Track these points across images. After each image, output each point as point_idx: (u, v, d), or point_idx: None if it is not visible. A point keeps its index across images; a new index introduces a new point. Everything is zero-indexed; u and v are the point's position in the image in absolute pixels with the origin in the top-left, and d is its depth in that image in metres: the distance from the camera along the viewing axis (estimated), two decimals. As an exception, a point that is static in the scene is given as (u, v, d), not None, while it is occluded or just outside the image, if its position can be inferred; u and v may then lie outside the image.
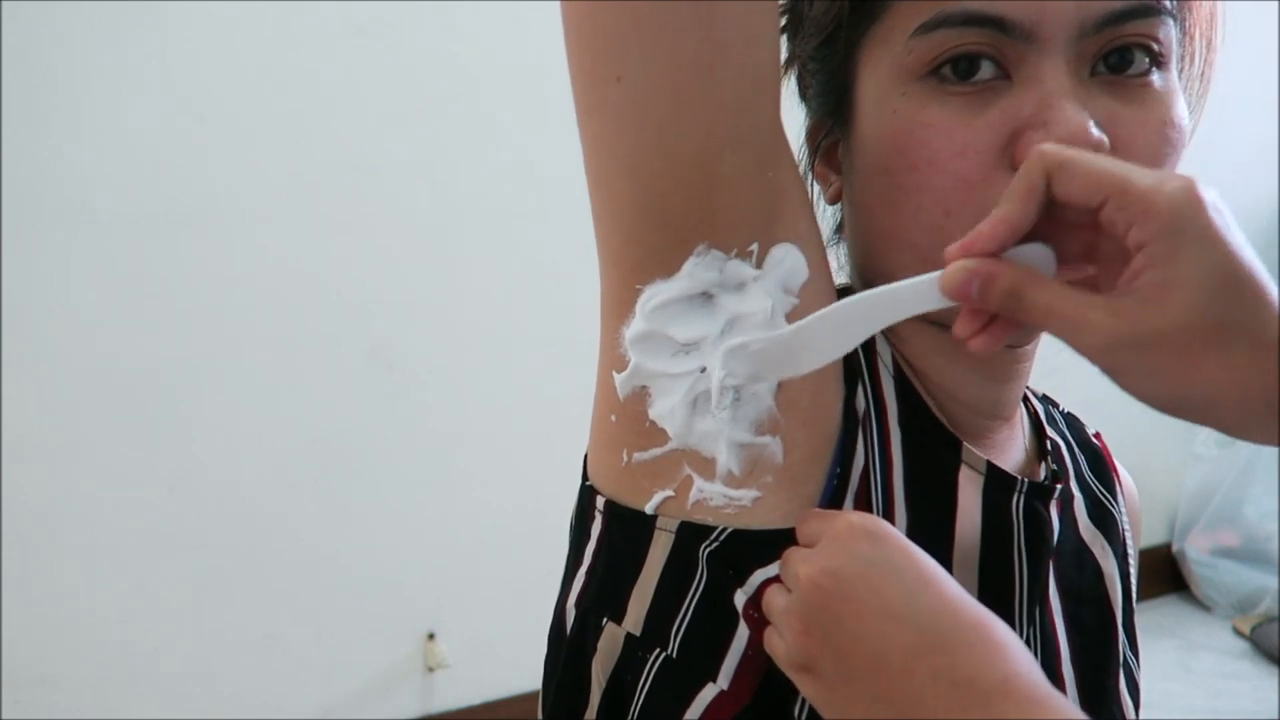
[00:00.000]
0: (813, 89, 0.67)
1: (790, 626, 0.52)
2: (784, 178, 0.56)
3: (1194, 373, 0.44)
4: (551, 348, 2.12)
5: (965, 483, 0.62)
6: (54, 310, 1.82)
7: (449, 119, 2.05)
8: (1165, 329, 0.44)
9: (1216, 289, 0.43)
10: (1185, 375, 0.44)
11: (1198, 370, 0.44)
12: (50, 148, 1.78)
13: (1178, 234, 0.43)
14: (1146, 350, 0.44)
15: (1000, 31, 0.55)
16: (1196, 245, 0.43)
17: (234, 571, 2.02)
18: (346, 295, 2.03)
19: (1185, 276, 0.43)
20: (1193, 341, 0.44)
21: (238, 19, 1.85)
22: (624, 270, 0.55)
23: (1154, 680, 2.47)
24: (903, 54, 0.57)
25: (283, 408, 2.01)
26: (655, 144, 0.52)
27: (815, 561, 0.51)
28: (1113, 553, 0.72)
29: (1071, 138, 0.53)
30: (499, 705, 2.25)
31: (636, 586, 0.57)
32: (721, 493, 0.56)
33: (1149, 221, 0.44)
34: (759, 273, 0.55)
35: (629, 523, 0.58)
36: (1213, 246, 0.43)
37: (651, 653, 0.56)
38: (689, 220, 0.53)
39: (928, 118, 0.56)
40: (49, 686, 1.90)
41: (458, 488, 2.18)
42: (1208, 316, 0.43)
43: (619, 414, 0.57)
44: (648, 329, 0.54)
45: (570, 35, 0.54)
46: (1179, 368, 0.44)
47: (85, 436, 1.88)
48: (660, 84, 0.51)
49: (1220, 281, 0.43)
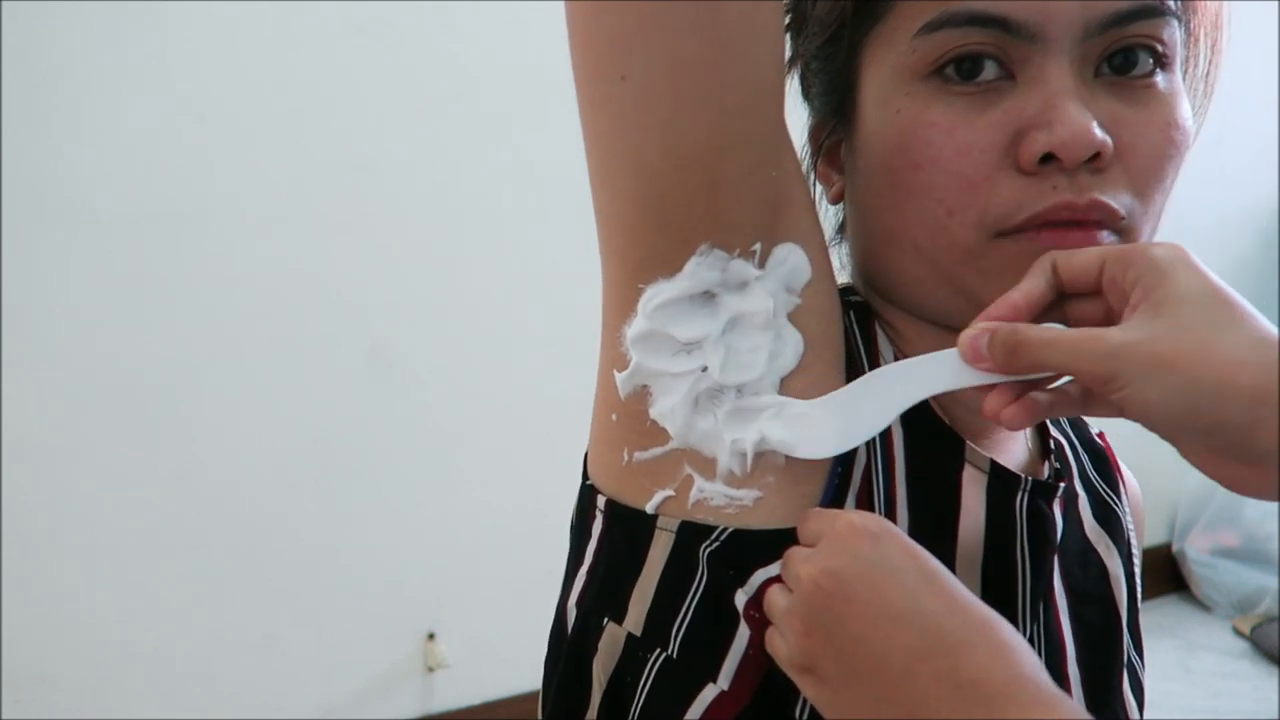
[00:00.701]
0: (816, 88, 0.67)
1: (792, 627, 0.52)
2: (787, 177, 0.56)
3: (1198, 367, 0.46)
4: (551, 348, 2.12)
5: (969, 481, 0.61)
6: (54, 310, 1.82)
7: (449, 119, 2.05)
8: (1171, 334, 0.46)
9: (1208, 298, 0.47)
10: (1190, 372, 0.46)
11: (1201, 365, 0.46)
12: (50, 148, 1.78)
13: (1168, 267, 0.48)
14: (1154, 357, 0.47)
15: (1004, 32, 0.55)
16: (1185, 274, 0.48)
17: (234, 571, 2.01)
18: (346, 295, 2.03)
19: (1178, 294, 0.47)
20: (1194, 341, 0.46)
21: (238, 19, 1.85)
22: (626, 269, 0.55)
23: (1154, 680, 2.45)
24: (906, 54, 0.57)
25: (283, 407, 2.01)
26: (658, 142, 0.52)
27: (817, 562, 0.51)
28: (1117, 552, 0.72)
29: (1074, 138, 0.53)
30: (499, 705, 2.25)
31: (637, 586, 0.57)
32: (722, 492, 0.55)
33: (1141, 263, 0.49)
34: (761, 272, 0.54)
35: (629, 522, 0.58)
36: (1199, 272, 0.48)
37: (652, 653, 0.56)
38: (691, 219, 0.53)
39: (931, 117, 0.56)
40: (49, 686, 1.89)
41: (458, 488, 2.18)
42: (1202, 320, 0.46)
43: (620, 413, 0.57)
44: (649, 328, 0.54)
45: (574, 33, 0.54)
46: (1183, 366, 0.46)
47: (85, 436, 1.88)
48: (664, 83, 0.51)
49: (1210, 293, 0.47)
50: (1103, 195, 0.55)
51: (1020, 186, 0.55)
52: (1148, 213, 0.58)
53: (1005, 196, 0.56)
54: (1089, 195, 0.55)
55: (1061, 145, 0.54)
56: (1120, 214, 0.56)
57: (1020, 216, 0.56)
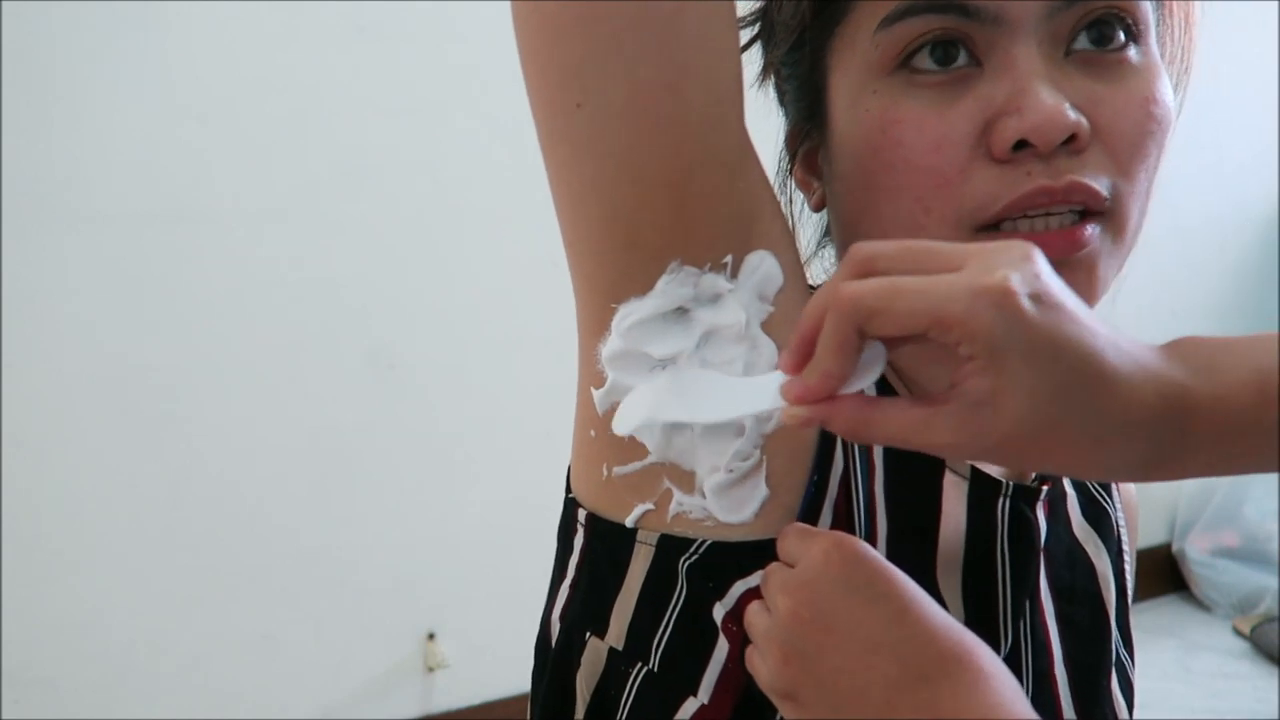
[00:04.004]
0: (788, 95, 0.66)
1: (771, 653, 0.51)
2: (754, 186, 0.55)
3: (1043, 462, 0.46)
4: (551, 347, 2.10)
5: (949, 488, 0.61)
6: (54, 310, 1.83)
7: (449, 119, 2.05)
8: (1005, 434, 0.44)
9: (1045, 395, 0.43)
10: (1036, 464, 0.46)
11: (1045, 460, 0.46)
12: (50, 148, 1.78)
13: (999, 351, 0.43)
14: (995, 453, 0.46)
15: (964, 17, 0.54)
16: (1019, 358, 0.43)
17: (234, 571, 2.02)
18: (346, 295, 2.03)
19: (1012, 387, 0.43)
20: (1033, 442, 0.44)
21: (238, 19, 1.85)
22: (598, 290, 0.55)
23: (1154, 680, 2.47)
24: (870, 51, 0.56)
25: (283, 408, 2.01)
26: (621, 168, 0.51)
27: (794, 592, 0.51)
28: (1107, 551, 0.71)
29: (1046, 122, 0.52)
30: (498, 705, 2.25)
31: (618, 600, 0.57)
32: (701, 506, 0.55)
33: (971, 344, 0.43)
34: (734, 285, 0.54)
35: (610, 537, 0.58)
36: (1035, 356, 0.43)
37: (634, 667, 0.56)
38: (660, 239, 0.53)
39: (899, 113, 0.55)
40: (49, 686, 1.90)
41: (458, 488, 2.18)
42: (1039, 421, 0.43)
43: (598, 429, 0.57)
44: (624, 347, 0.54)
45: (528, 64, 0.53)
46: (1027, 459, 0.46)
47: (85, 436, 1.88)
48: (623, 109, 0.50)
49: (1047, 388, 0.43)
50: (1082, 177, 0.54)
51: (994, 176, 0.54)
52: (1133, 192, 0.56)
53: (980, 188, 0.54)
54: (1067, 178, 0.53)
55: (1033, 130, 0.52)
56: (1103, 195, 0.54)
57: (996, 207, 0.54)
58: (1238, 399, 0.46)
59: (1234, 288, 2.95)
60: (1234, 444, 0.47)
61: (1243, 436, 0.47)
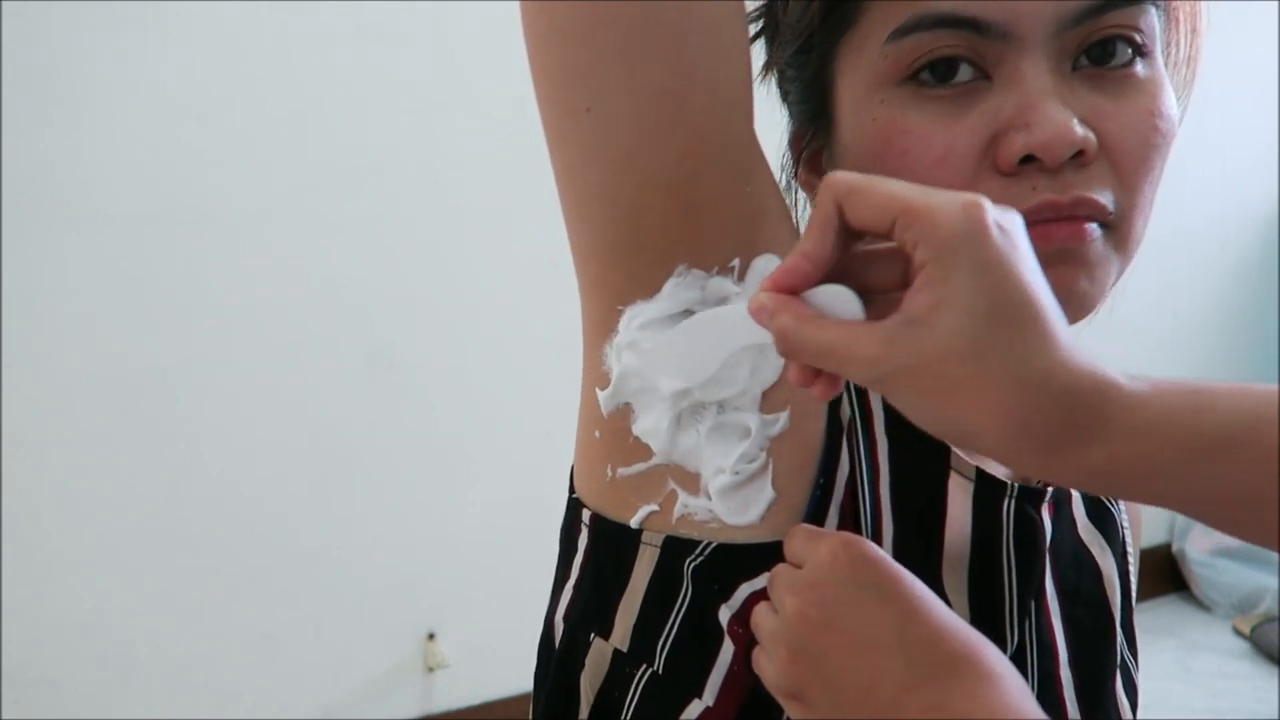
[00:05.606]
0: (793, 95, 0.66)
1: (778, 654, 0.51)
2: (762, 190, 0.55)
3: (953, 400, 0.44)
4: (551, 347, 2.11)
5: (955, 489, 0.61)
6: (54, 310, 1.82)
7: (449, 119, 2.04)
8: (928, 354, 0.43)
9: (981, 314, 0.42)
10: (946, 402, 0.44)
11: (956, 398, 0.43)
12: (50, 148, 1.78)
13: (952, 255, 0.43)
14: (912, 376, 0.44)
15: (975, 32, 0.54)
16: (968, 268, 0.42)
17: (234, 571, 2.01)
18: (346, 295, 2.03)
19: (952, 300, 0.42)
20: (952, 368, 0.43)
21: (237, 19, 1.85)
22: (604, 293, 0.55)
23: (1154, 680, 2.47)
24: (878, 60, 0.56)
25: (283, 408, 2.01)
26: (628, 172, 0.51)
27: (802, 592, 0.51)
28: (1111, 552, 0.71)
29: (1055, 138, 0.52)
30: (498, 705, 2.25)
31: (623, 602, 0.57)
32: (706, 507, 0.55)
33: (929, 241, 0.43)
34: (740, 288, 0.54)
35: (615, 538, 0.58)
36: (986, 271, 0.42)
37: (638, 669, 0.56)
38: (667, 243, 0.53)
39: (906, 124, 0.55)
40: (49, 686, 1.90)
41: (458, 488, 2.18)
42: (967, 342, 0.42)
43: (603, 430, 0.57)
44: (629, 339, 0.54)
45: (537, 67, 0.53)
46: (939, 394, 0.44)
47: (85, 436, 1.88)
48: (630, 113, 0.50)
49: (986, 307, 0.42)
50: (1088, 192, 0.54)
51: (1000, 190, 0.54)
52: (1137, 205, 0.56)
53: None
54: (1073, 193, 0.54)
55: (1041, 146, 0.52)
56: (1108, 209, 0.54)
57: None
58: (1166, 404, 0.44)
59: (1235, 288, 2.94)
60: (1149, 450, 0.44)
61: (1163, 447, 0.43)
